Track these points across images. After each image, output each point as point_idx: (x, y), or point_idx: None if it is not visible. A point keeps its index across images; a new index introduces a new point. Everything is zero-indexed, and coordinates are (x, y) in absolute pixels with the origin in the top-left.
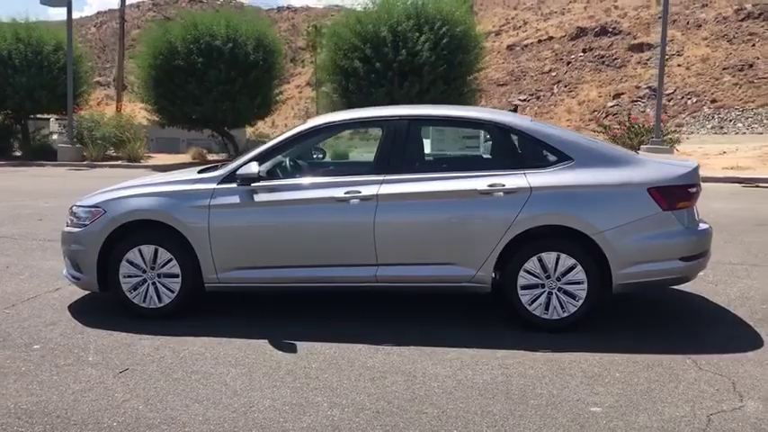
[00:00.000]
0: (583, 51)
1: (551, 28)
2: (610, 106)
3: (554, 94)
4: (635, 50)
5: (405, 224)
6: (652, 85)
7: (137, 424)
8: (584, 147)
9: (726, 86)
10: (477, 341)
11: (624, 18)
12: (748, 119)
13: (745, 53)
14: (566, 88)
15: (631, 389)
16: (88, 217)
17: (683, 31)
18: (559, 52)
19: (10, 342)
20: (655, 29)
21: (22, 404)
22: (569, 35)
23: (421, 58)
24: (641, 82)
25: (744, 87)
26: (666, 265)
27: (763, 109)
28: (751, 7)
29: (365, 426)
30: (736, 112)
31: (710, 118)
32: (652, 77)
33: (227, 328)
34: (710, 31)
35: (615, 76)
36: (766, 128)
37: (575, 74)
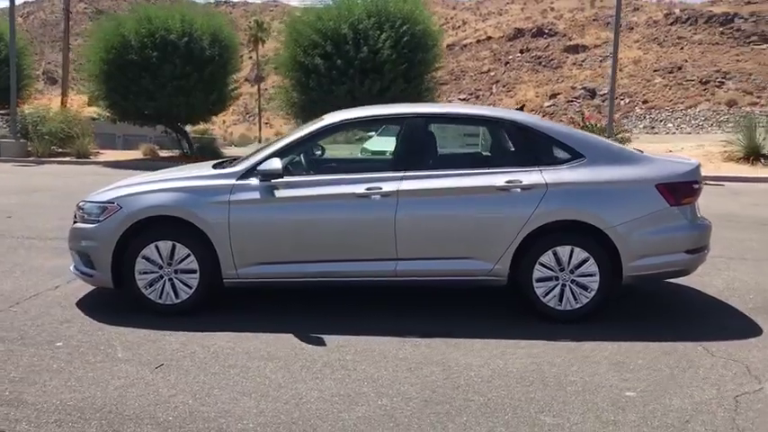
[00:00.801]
0: (520, 52)
1: (489, 28)
2: (547, 106)
3: (493, 93)
4: (570, 52)
5: (425, 219)
6: (587, 85)
7: (192, 418)
8: (594, 144)
9: (657, 88)
10: (497, 332)
11: (560, 20)
12: (677, 119)
13: (674, 56)
14: (504, 88)
15: (656, 374)
16: (101, 213)
17: None
18: (498, 52)
19: (30, 340)
20: (589, 31)
21: (67, 400)
22: (507, 36)
23: (382, 55)
24: (576, 82)
25: (673, 89)
26: (673, 258)
27: (692, 110)
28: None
29: (418, 414)
30: (666, 112)
31: (642, 118)
32: (587, 78)
33: (248, 323)
34: (642, 35)
35: (552, 76)
36: (694, 128)
37: (513, 74)
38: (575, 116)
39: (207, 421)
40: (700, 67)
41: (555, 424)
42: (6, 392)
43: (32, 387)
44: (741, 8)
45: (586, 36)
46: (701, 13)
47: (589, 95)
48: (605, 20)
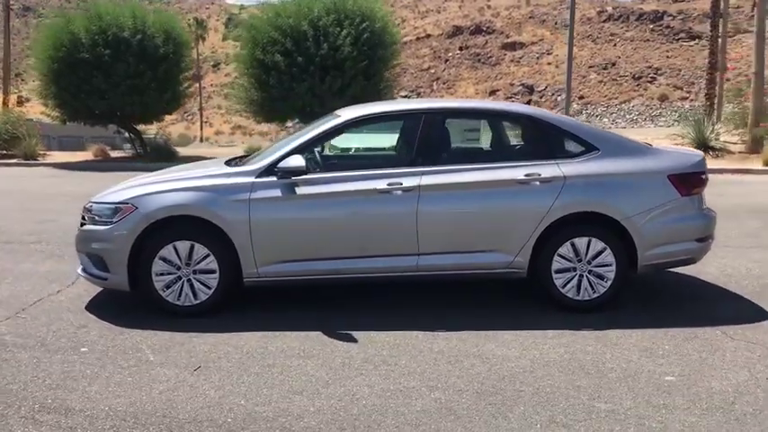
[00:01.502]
0: (459, 49)
1: (429, 26)
2: None
3: (434, 90)
4: (508, 49)
5: (446, 214)
6: (525, 82)
7: (251, 419)
8: (607, 137)
9: (592, 83)
10: (521, 323)
11: (497, 18)
12: (612, 114)
13: (607, 52)
14: (444, 85)
15: (686, 359)
16: (115, 214)
17: (552, 30)
18: (437, 50)
19: (51, 346)
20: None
21: (115, 406)
22: (446, 33)
23: (343, 52)
24: (515, 79)
25: (608, 84)
26: (684, 246)
27: (626, 105)
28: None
29: (474, 406)
30: (601, 107)
31: (579, 113)
32: (525, 75)
33: (270, 322)
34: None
35: (491, 73)
36: (629, 122)
37: (452, 71)
38: None
39: (267, 421)
40: (632, 63)
41: (610, 410)
42: (48, 400)
43: (73, 394)
44: (669, 6)
45: (523, 33)
46: (632, 11)
47: (527, 92)
48: (540, 17)
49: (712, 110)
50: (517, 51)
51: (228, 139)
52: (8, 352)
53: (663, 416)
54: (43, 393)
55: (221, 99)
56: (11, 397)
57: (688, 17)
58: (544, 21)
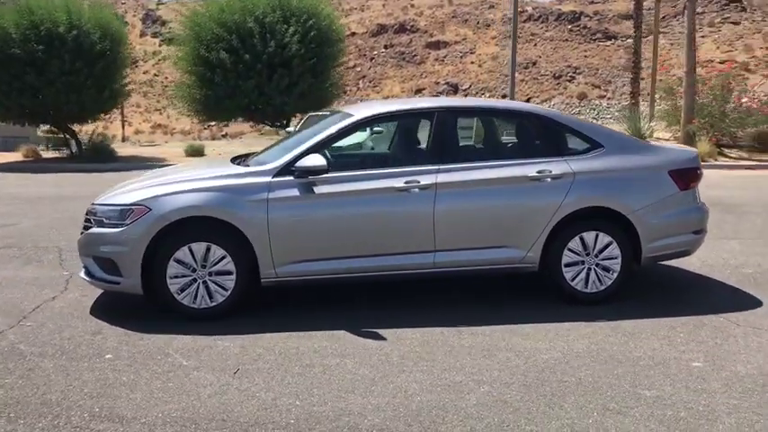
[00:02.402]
0: (384, 48)
1: (353, 24)
2: None
3: (360, 88)
4: (432, 48)
5: (462, 211)
6: (450, 80)
7: (315, 419)
8: (610, 135)
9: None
10: (535, 317)
11: (421, 16)
12: None
13: (528, 52)
14: (370, 83)
15: (703, 346)
16: (127, 216)
17: (474, 30)
18: (362, 48)
19: (72, 354)
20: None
21: (169, 412)
22: (371, 32)
23: (290, 50)
24: (440, 78)
25: (529, 83)
26: (683, 239)
27: (547, 103)
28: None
29: (526, 397)
30: None
31: None
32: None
33: (289, 322)
34: (498, 31)
35: (416, 72)
36: None
37: (378, 69)
38: None
39: (331, 421)
40: (552, 62)
41: (655, 396)
42: (95, 408)
43: (118, 401)
44: (586, 7)
45: (447, 33)
46: (551, 11)
47: (452, 90)
48: (463, 17)
49: (636, 107)
50: (441, 50)
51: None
52: (29, 361)
53: (706, 400)
54: (87, 402)
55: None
56: (54, 407)
57: (604, 18)
58: (467, 20)
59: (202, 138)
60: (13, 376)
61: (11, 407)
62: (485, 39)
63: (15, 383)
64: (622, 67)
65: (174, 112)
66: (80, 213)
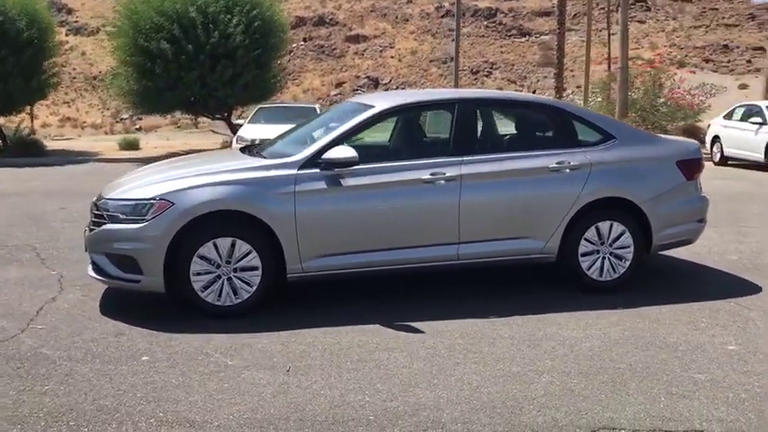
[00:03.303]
0: (303, 41)
1: None
2: (333, 95)
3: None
4: (352, 41)
5: (486, 202)
6: (370, 74)
7: (393, 415)
8: (621, 126)
9: (434, 77)
10: (559, 306)
11: (339, 10)
12: None
13: (446, 47)
14: (290, 76)
15: (729, 330)
16: (147, 210)
17: (393, 24)
18: None
19: (105, 357)
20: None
21: (237, 413)
22: (290, 24)
23: (234, 41)
24: (360, 72)
25: (448, 78)
26: (688, 227)
27: None
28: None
29: (591, 385)
30: None
31: None
32: (369, 68)
33: (315, 317)
34: (417, 26)
35: (336, 65)
36: None
37: (297, 62)
38: None
39: (411, 415)
40: (470, 57)
41: (709, 380)
42: (159, 413)
43: (179, 405)
44: (501, 4)
45: (366, 26)
46: (468, 7)
47: (373, 84)
48: (382, 11)
49: None
50: (361, 44)
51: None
52: (62, 366)
53: (758, 381)
54: (146, 407)
55: None
56: (113, 413)
57: (518, 15)
58: (385, 14)
59: (115, 131)
60: (52, 382)
61: (66, 414)
62: (403, 33)
63: (59, 390)
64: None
65: (83, 105)
66: (34, 209)
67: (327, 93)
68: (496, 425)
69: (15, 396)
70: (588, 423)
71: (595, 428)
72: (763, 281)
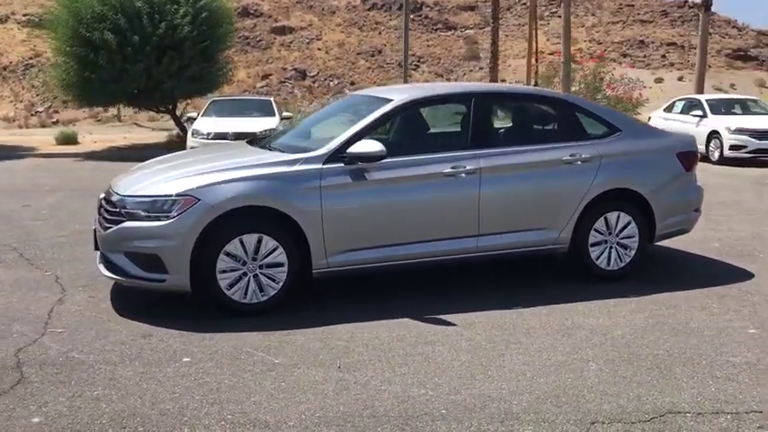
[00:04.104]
0: None
1: None
2: (260, 87)
3: None
4: (277, 33)
5: (504, 194)
6: (297, 66)
7: (464, 408)
8: (626, 119)
9: (361, 70)
10: (576, 295)
11: (264, 1)
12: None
13: (374, 40)
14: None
15: (741, 314)
16: (171, 207)
17: (320, 17)
18: None
19: (144, 359)
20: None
21: (308, 412)
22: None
23: (182, 32)
24: (287, 63)
25: (376, 71)
26: (686, 216)
27: None
28: None
29: (638, 371)
30: None
31: None
32: (296, 60)
33: (338, 314)
34: (343, 18)
35: (261, 57)
36: None
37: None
38: (288, 97)
39: (482, 408)
40: (397, 51)
41: (744, 362)
42: (227, 415)
43: (243, 406)
44: None
45: (292, 18)
46: (394, 1)
47: (300, 77)
48: (308, 3)
49: None
50: (287, 36)
51: None
52: (101, 371)
53: None
54: (211, 410)
55: None
56: (180, 417)
57: (444, 9)
58: (311, 6)
59: (30, 125)
60: (100, 387)
61: (130, 419)
62: (330, 26)
63: (111, 394)
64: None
65: None
66: None
67: (253, 85)
68: (567, 413)
69: (68, 403)
70: (653, 408)
71: (662, 413)
72: (753, 266)
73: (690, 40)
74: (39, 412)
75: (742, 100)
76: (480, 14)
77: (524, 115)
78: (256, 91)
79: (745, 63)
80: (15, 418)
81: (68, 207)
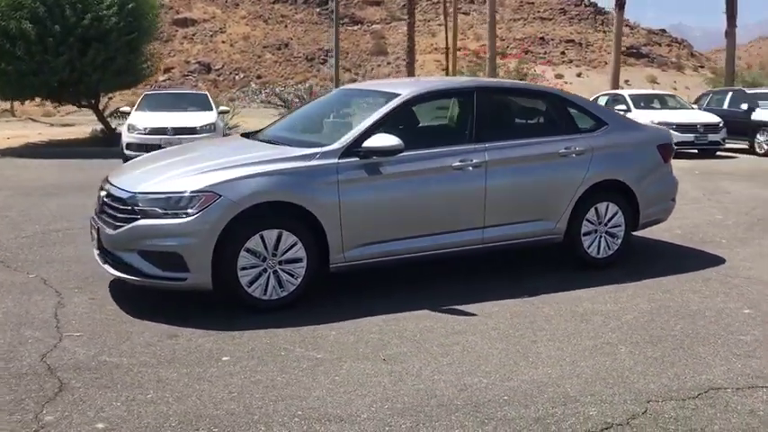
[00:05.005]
0: None
1: None
2: (162, 80)
3: None
4: (179, 25)
5: (507, 187)
6: (201, 59)
7: (522, 393)
8: (610, 114)
9: (268, 63)
10: (573, 283)
11: None
12: (290, 93)
13: (280, 33)
14: None
15: (730, 296)
16: (191, 204)
17: (223, 9)
18: None
19: (181, 361)
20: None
21: (375, 404)
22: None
23: (108, 23)
24: (190, 56)
25: (283, 65)
26: (665, 206)
27: (302, 85)
28: None
29: (664, 352)
30: (279, 87)
31: (258, 93)
32: (199, 53)
33: (354, 307)
34: (248, 11)
35: (163, 49)
36: None
37: None
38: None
39: (541, 393)
40: (304, 44)
41: (754, 340)
42: (297, 411)
43: (306, 401)
44: None
45: (194, 10)
46: None
47: (204, 70)
48: None
49: None
50: (189, 28)
51: None
52: (143, 373)
53: None
54: (277, 407)
55: None
56: (250, 416)
57: (350, 3)
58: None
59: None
60: (151, 390)
61: (198, 421)
62: (234, 18)
63: (166, 397)
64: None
65: None
66: None
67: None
68: (622, 394)
69: (125, 407)
70: (695, 386)
71: (705, 390)
72: (720, 251)
73: (587, 37)
74: (99, 418)
75: (660, 95)
76: (387, 10)
77: (523, 109)
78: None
79: (638, 60)
80: (77, 425)
81: (15, 207)
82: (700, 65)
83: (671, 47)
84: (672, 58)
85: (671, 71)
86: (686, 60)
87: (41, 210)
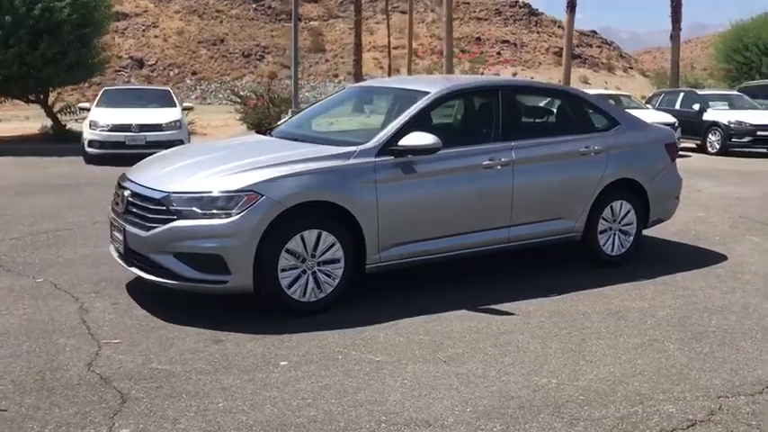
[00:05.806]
0: None
1: None
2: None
3: None
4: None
5: (533, 186)
6: (134, 54)
7: (595, 393)
8: (621, 113)
9: (203, 59)
10: (592, 281)
11: None
12: (227, 90)
13: (215, 29)
14: None
15: (747, 291)
16: (233, 204)
17: (156, 3)
18: None
19: (238, 367)
20: None
21: (455, 407)
22: None
23: (61, 15)
24: (122, 52)
25: (219, 61)
26: (671, 204)
27: (239, 81)
28: None
29: (713, 348)
30: (215, 83)
31: (194, 89)
32: (132, 47)
33: (391, 307)
34: (182, 6)
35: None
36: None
37: None
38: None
39: (612, 392)
40: (241, 40)
41: None
42: (381, 416)
43: (385, 406)
44: None
45: (125, 3)
46: None
47: (137, 66)
48: None
49: None
50: (121, 22)
51: None
52: (202, 381)
53: None
54: (359, 412)
55: None
56: (335, 423)
57: None
58: None
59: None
60: (219, 398)
61: (282, 428)
62: (168, 12)
63: (239, 405)
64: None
65: None
66: None
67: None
68: (689, 390)
69: (201, 418)
70: (755, 380)
71: (767, 385)
72: (719, 248)
73: (521, 38)
74: (177, 430)
75: (616, 95)
76: (324, 7)
77: (545, 108)
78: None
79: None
80: None
81: None
82: (629, 66)
83: (601, 48)
84: (603, 59)
85: (602, 72)
86: (616, 62)
87: (18, 210)
